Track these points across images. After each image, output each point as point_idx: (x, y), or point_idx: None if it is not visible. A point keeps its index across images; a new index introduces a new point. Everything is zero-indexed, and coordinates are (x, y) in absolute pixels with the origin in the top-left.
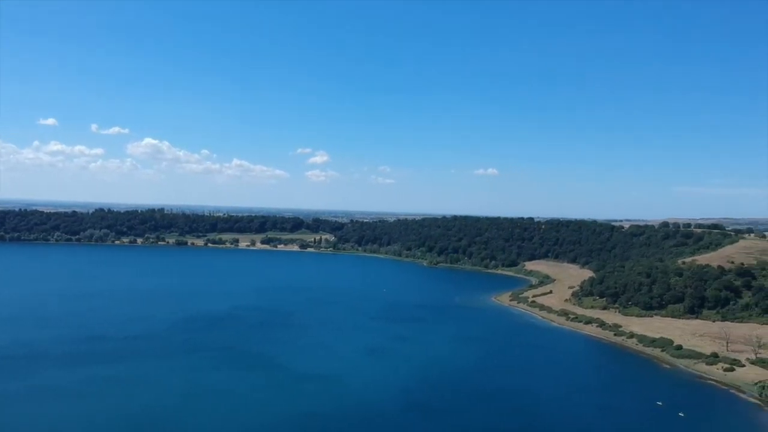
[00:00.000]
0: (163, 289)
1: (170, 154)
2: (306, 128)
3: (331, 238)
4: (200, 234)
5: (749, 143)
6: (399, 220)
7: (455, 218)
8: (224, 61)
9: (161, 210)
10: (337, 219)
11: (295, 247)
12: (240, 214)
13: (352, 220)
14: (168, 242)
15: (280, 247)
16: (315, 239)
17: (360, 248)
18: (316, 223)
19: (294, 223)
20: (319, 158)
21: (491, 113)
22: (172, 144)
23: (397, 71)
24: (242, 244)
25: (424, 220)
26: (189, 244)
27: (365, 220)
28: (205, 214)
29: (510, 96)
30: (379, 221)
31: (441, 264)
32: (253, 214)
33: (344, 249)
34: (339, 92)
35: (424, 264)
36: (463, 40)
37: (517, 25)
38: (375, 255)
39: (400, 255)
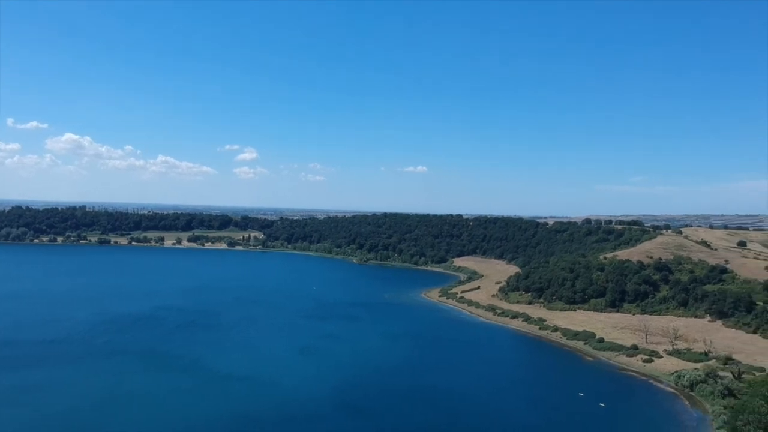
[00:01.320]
0: (83, 290)
1: (92, 149)
2: (234, 124)
3: (260, 235)
4: (124, 232)
5: (666, 143)
6: (329, 217)
7: (385, 215)
8: (149, 55)
9: (83, 207)
10: (266, 216)
11: (223, 245)
12: (166, 212)
13: (281, 218)
14: (90, 241)
15: (208, 245)
16: (244, 237)
17: (290, 246)
18: (245, 221)
19: (222, 221)
20: (248, 155)
21: (421, 111)
22: (94, 140)
23: (327, 68)
24: (168, 243)
25: (354, 217)
26: (112, 242)
27: (295, 218)
28: (129, 211)
29: (439, 94)
30: (309, 219)
31: (371, 261)
32: (180, 212)
33: (274, 247)
34: (268, 88)
35: (355, 261)
36: (392, 40)
37: (443, 26)
38: (305, 252)
39: (330, 252)
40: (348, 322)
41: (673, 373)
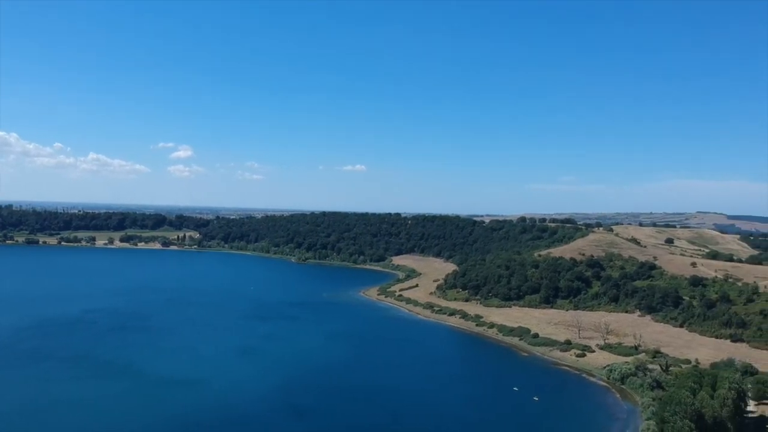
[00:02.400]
0: (8, 292)
1: (19, 147)
2: (169, 121)
3: (196, 235)
4: (53, 232)
5: (596, 143)
6: (267, 216)
7: (324, 214)
8: (79, 50)
9: (9, 206)
10: (202, 216)
11: (157, 245)
12: (97, 211)
13: (217, 217)
14: (17, 241)
15: (141, 245)
16: (179, 237)
17: (226, 245)
18: (180, 220)
19: (156, 220)
20: (183, 153)
21: (360, 111)
22: (21, 136)
23: (264, 66)
24: (99, 243)
25: (292, 216)
26: (40, 242)
27: (232, 217)
28: (59, 211)
29: (378, 94)
30: (247, 218)
31: (310, 260)
32: (112, 211)
33: (210, 246)
34: (203, 85)
35: (293, 260)
36: (332, 39)
37: (383, 26)
38: (242, 252)
39: (268, 252)
40: (288, 322)
41: (604, 367)
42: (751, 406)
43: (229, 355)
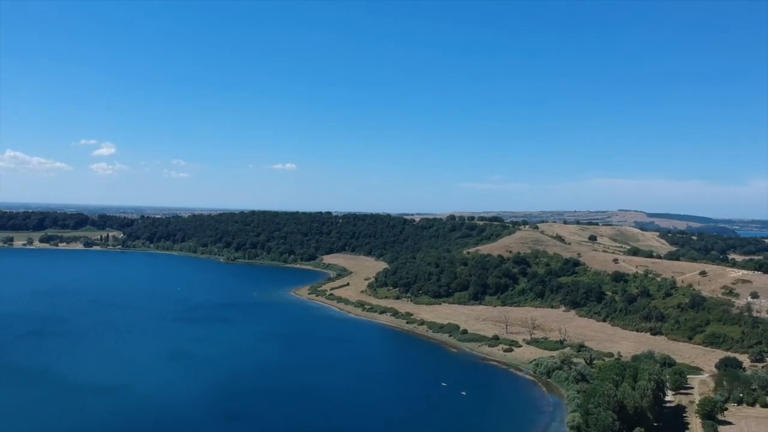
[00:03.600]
0: None
1: None
2: (90, 118)
3: (120, 235)
4: None
5: (523, 143)
6: (194, 215)
7: (253, 213)
8: None
9: None
10: (126, 215)
11: (79, 246)
12: (15, 211)
13: (143, 216)
14: None
15: (62, 245)
16: (102, 237)
17: (152, 245)
18: (103, 220)
19: (77, 220)
20: (106, 150)
21: (291, 109)
22: None
23: (191, 62)
24: (18, 243)
25: (221, 215)
26: None
27: (158, 216)
28: None
29: (309, 94)
30: (173, 217)
31: (239, 260)
32: (31, 210)
33: (135, 247)
34: (126, 80)
35: (221, 260)
36: (262, 38)
37: (314, 27)
38: (168, 252)
39: (195, 252)
40: (217, 323)
41: (531, 362)
42: (670, 395)
43: (155, 359)
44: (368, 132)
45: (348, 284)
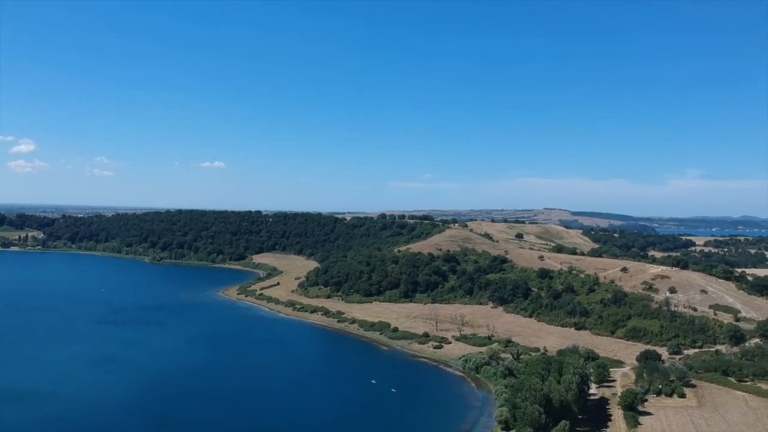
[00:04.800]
0: None
1: None
2: (7, 113)
3: (40, 235)
4: None
5: (453, 143)
6: (118, 214)
7: (180, 212)
8: None
9: None
10: (46, 214)
11: None
12: None
13: (64, 216)
14: None
15: None
16: (20, 237)
17: (74, 246)
18: (21, 219)
19: None
20: (24, 147)
21: (218, 107)
22: None
23: (113, 59)
24: None
25: (146, 214)
26: None
27: (80, 216)
28: None
29: (237, 92)
30: (96, 216)
31: (165, 260)
32: None
33: (55, 247)
34: (43, 73)
35: (147, 260)
36: (189, 37)
37: (237, 28)
38: (91, 252)
39: (119, 252)
40: (143, 325)
41: (460, 358)
42: (593, 388)
43: (78, 364)
44: (299, 130)
45: (278, 284)
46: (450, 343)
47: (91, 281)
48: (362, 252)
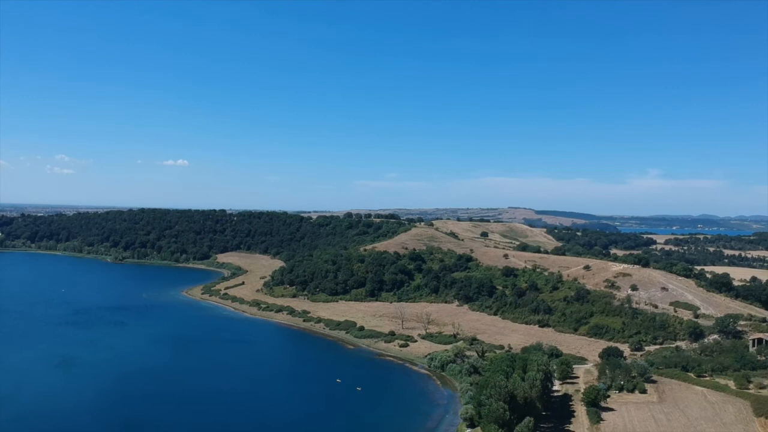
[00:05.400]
0: None
1: None
2: None
3: None
4: None
5: (419, 142)
6: (80, 213)
7: (143, 211)
8: None
9: None
10: (5, 213)
11: None
12: None
13: (23, 215)
14: None
15: None
16: None
17: (33, 245)
18: None
19: None
20: None
21: (182, 104)
22: None
23: (73, 54)
24: None
25: (108, 213)
26: None
27: (39, 214)
28: None
29: (201, 89)
30: (57, 215)
31: (128, 260)
32: None
33: (14, 246)
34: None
35: (109, 260)
36: (143, 28)
37: (206, 26)
38: (51, 252)
39: (81, 251)
40: (106, 326)
41: (426, 356)
42: (557, 385)
43: (39, 366)
44: (264, 128)
45: (243, 283)
46: (416, 341)
47: (51, 281)
48: (328, 251)
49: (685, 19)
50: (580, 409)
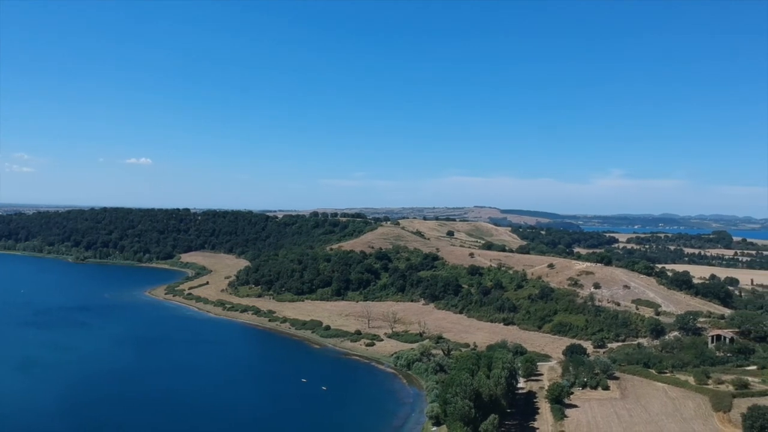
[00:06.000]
0: None
1: None
2: None
3: None
4: None
5: (386, 142)
6: (40, 212)
7: (105, 210)
8: None
9: None
10: None
11: None
12: None
13: None
14: None
15: None
16: None
17: None
18: None
19: None
20: None
21: (144, 101)
22: None
23: (31, 50)
24: None
25: (69, 212)
26: None
27: None
28: None
29: (165, 87)
30: (16, 214)
31: (89, 259)
32: None
33: None
34: None
35: (70, 260)
36: (104, 29)
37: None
38: (10, 252)
39: (41, 251)
40: (68, 327)
41: (392, 355)
42: (521, 382)
43: (5, 370)
44: (229, 127)
45: (207, 283)
46: (382, 340)
47: (10, 282)
48: (294, 250)
49: (644, 19)
50: (544, 406)
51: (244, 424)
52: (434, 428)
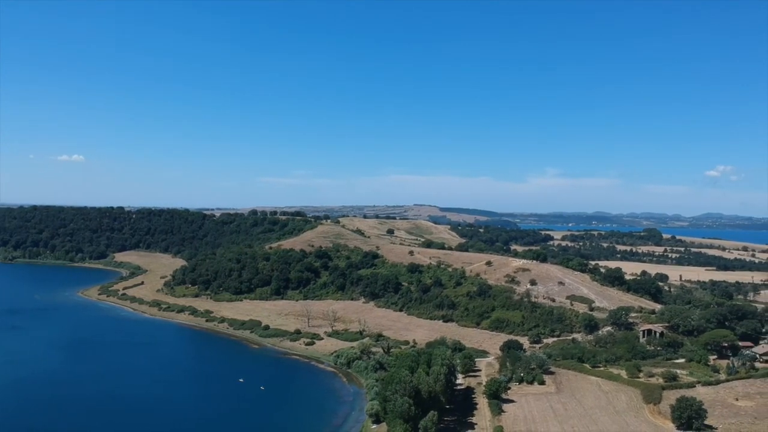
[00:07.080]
0: None
1: None
2: None
3: None
4: None
5: (327, 140)
6: None
7: (35, 208)
8: None
9: None
10: None
11: None
12: None
13: None
14: None
15: None
16: None
17: None
18: None
19: None
20: None
21: (77, 96)
22: None
23: None
24: None
25: None
26: None
27: None
28: None
29: (97, 82)
30: None
31: (18, 259)
32: None
33: None
34: None
35: None
36: (31, 24)
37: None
38: None
39: None
40: None
41: (332, 353)
42: (460, 378)
43: None
44: (164, 122)
45: (143, 283)
46: (322, 339)
47: None
48: (232, 249)
49: (572, 23)
50: (482, 402)
51: (180, 426)
52: (374, 426)
